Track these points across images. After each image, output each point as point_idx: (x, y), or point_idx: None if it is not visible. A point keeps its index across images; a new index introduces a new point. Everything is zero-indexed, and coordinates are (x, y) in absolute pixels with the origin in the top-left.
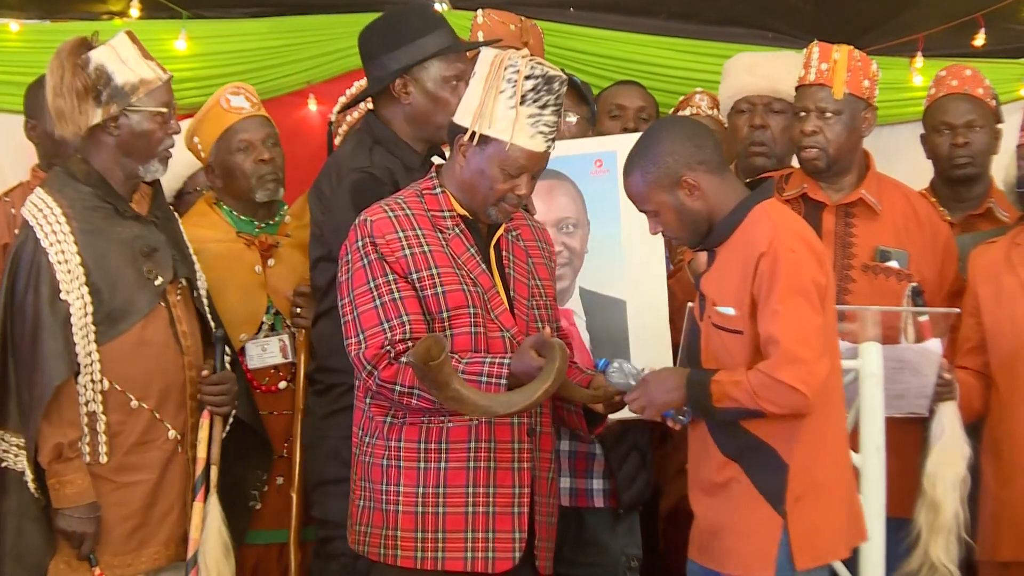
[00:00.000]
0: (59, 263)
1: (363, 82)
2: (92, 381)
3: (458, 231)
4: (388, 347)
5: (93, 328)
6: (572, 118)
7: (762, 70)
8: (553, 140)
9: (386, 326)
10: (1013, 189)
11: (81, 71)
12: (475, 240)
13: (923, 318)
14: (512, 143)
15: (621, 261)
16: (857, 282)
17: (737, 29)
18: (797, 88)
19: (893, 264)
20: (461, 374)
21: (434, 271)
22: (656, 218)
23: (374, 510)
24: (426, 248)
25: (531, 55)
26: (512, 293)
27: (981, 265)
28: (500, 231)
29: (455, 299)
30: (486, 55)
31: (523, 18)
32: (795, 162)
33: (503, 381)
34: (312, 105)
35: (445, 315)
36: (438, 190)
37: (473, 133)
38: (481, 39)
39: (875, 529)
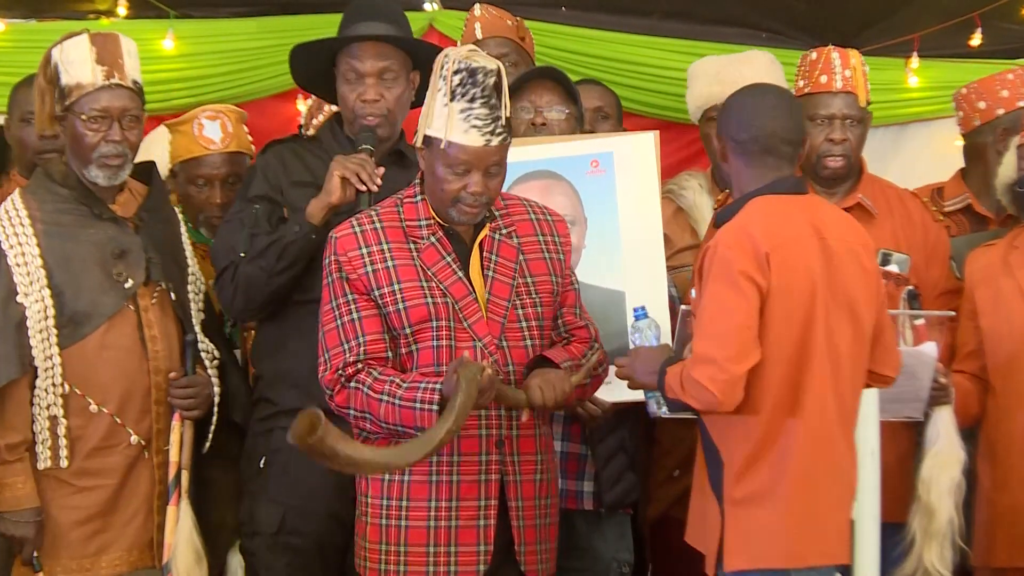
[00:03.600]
0: (18, 265)
1: None
2: (53, 385)
3: (434, 240)
4: (340, 371)
5: (55, 331)
6: (561, 114)
7: (728, 76)
8: (494, 134)
9: (345, 347)
10: (1010, 188)
11: (46, 67)
12: (453, 247)
13: (919, 321)
14: (448, 140)
15: (619, 255)
16: None
17: (730, 29)
18: (815, 94)
19: (893, 268)
20: (398, 401)
21: (396, 287)
22: None
23: (357, 520)
24: (390, 263)
25: (474, 48)
26: (488, 294)
27: (979, 268)
28: (483, 232)
29: (417, 314)
30: (439, 57)
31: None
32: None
33: (434, 407)
34: (300, 105)
35: (408, 331)
36: (418, 198)
37: (423, 137)
38: (478, 32)
39: (870, 534)
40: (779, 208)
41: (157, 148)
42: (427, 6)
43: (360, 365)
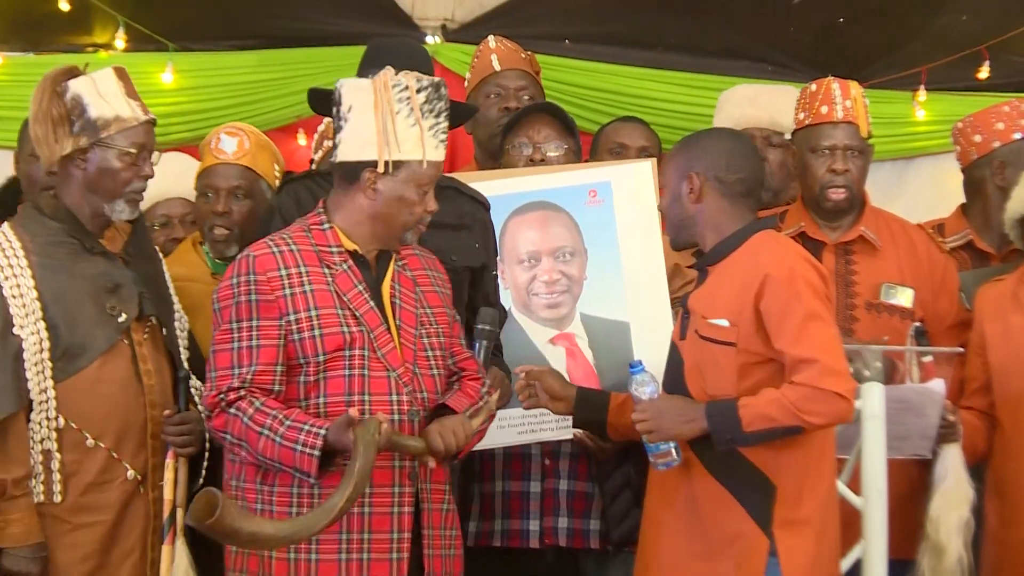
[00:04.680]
0: (14, 297)
1: None
2: (47, 419)
3: (346, 267)
4: (221, 395)
5: (50, 364)
6: (560, 150)
7: (763, 102)
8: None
9: (234, 372)
10: (1019, 222)
11: (59, 98)
12: (364, 276)
13: (927, 358)
14: (426, 160)
15: (621, 285)
16: (860, 321)
17: (735, 62)
18: (816, 125)
19: (898, 301)
20: (279, 439)
21: (313, 312)
22: (662, 194)
23: (249, 555)
24: (308, 288)
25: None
26: (399, 322)
27: (988, 303)
28: (392, 261)
29: (332, 342)
30: (364, 84)
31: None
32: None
33: (316, 453)
34: (301, 140)
35: (321, 358)
36: (326, 226)
37: (386, 163)
38: (496, 64)
39: (877, 571)
40: (791, 241)
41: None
42: (429, 39)
43: (243, 392)
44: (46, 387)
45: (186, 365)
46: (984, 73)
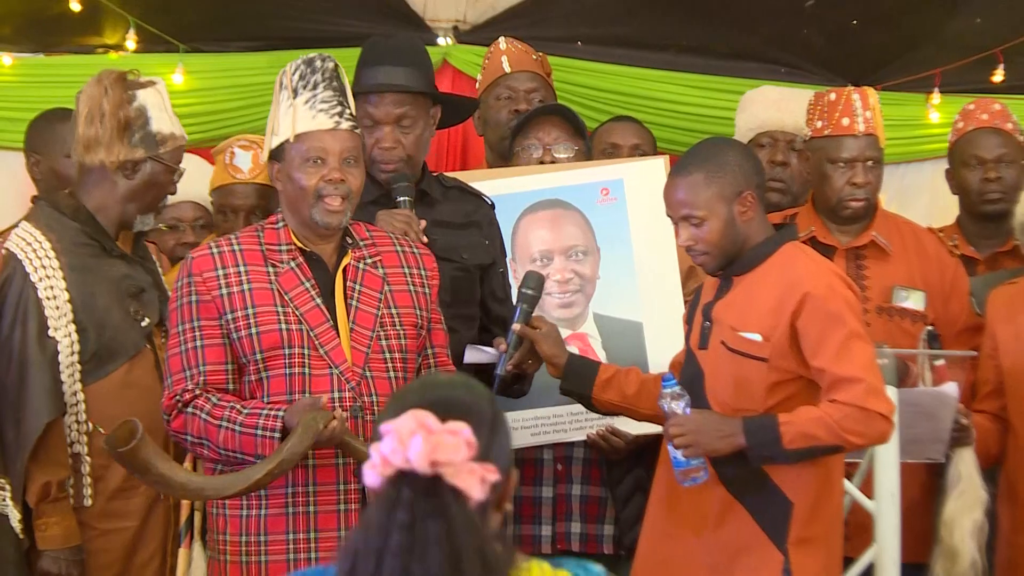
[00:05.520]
0: (48, 299)
1: None
2: (77, 422)
3: (294, 265)
4: (178, 397)
5: (79, 368)
6: (570, 151)
7: (789, 106)
8: (343, 117)
9: (186, 374)
10: None
11: (127, 105)
12: (314, 274)
13: (939, 362)
14: (296, 133)
15: (634, 284)
16: (872, 325)
17: (749, 64)
18: (837, 136)
19: (909, 305)
20: (238, 427)
21: (250, 311)
22: (697, 228)
23: (211, 563)
24: (246, 287)
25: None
26: (352, 324)
27: (1000, 306)
28: (346, 259)
29: (269, 340)
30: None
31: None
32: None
33: (276, 435)
34: None
35: (259, 356)
36: (280, 224)
37: (271, 154)
38: (506, 66)
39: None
40: (818, 254)
41: None
42: (441, 41)
43: (199, 392)
44: (76, 390)
45: None
46: (999, 76)
